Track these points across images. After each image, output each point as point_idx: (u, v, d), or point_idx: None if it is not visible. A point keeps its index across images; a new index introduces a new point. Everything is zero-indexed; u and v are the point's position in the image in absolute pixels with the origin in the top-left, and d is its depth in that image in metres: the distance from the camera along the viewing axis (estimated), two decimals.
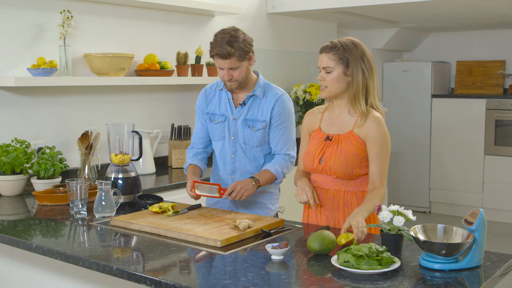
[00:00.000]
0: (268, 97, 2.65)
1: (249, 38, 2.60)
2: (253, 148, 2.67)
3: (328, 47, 2.32)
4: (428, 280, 1.69)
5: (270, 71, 5.01)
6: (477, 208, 1.83)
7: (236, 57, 2.52)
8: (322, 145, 2.38)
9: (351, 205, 2.36)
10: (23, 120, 3.22)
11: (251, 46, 2.59)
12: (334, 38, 2.37)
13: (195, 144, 2.83)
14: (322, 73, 2.33)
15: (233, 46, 2.50)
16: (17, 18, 3.16)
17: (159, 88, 3.99)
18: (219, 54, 2.51)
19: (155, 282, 1.72)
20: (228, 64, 2.53)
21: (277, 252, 1.88)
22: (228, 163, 2.72)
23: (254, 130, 2.64)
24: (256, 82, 2.68)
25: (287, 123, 2.67)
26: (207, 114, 2.75)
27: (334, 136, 2.37)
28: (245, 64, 2.58)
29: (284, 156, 2.67)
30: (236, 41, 2.51)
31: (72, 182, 2.48)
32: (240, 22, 4.64)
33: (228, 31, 2.55)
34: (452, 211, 6.60)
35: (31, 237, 2.23)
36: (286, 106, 2.67)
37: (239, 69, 2.56)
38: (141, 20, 3.84)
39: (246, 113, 2.66)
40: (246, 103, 2.66)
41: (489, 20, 5.83)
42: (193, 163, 2.75)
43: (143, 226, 2.26)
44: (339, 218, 2.38)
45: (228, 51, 2.49)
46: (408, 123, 6.74)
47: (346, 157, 2.31)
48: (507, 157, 6.21)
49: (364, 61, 2.31)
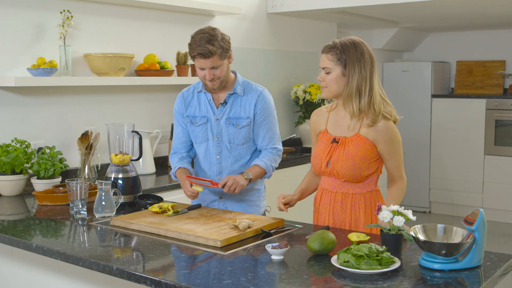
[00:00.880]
0: (249, 94, 2.67)
1: (227, 36, 2.61)
2: (238, 147, 2.68)
3: (327, 47, 2.31)
4: (428, 280, 1.69)
5: (270, 71, 5.01)
6: (477, 208, 1.83)
7: (218, 55, 2.52)
8: (329, 147, 2.37)
9: (358, 207, 2.36)
10: (23, 120, 3.22)
11: (229, 44, 2.60)
12: (335, 38, 2.37)
13: (177, 149, 2.80)
14: (322, 73, 2.33)
15: (214, 45, 2.50)
16: (17, 18, 3.16)
17: (159, 88, 3.99)
18: (201, 54, 2.51)
19: (155, 282, 1.72)
20: (210, 63, 2.53)
21: (277, 252, 1.88)
22: (214, 164, 2.71)
23: (239, 128, 2.65)
24: (235, 81, 2.69)
25: (271, 118, 2.70)
26: (187, 117, 2.74)
27: (340, 139, 2.35)
28: (226, 63, 2.59)
29: (271, 150, 2.69)
30: (215, 40, 2.52)
31: (72, 182, 2.48)
32: (240, 22, 4.64)
33: (206, 30, 2.55)
34: (452, 211, 6.60)
35: (31, 237, 2.23)
36: (268, 102, 2.69)
37: (220, 68, 2.57)
38: (141, 20, 3.84)
39: (229, 112, 2.66)
40: (228, 102, 2.66)
41: (489, 20, 5.83)
42: (182, 166, 2.72)
43: (143, 226, 2.26)
44: (346, 220, 2.37)
45: (209, 49, 2.49)
46: (408, 123, 6.73)
47: (353, 160, 2.30)
48: (507, 157, 6.21)
49: (361, 62, 2.28)
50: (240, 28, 4.67)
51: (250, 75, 4.77)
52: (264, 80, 4.94)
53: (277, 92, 5.03)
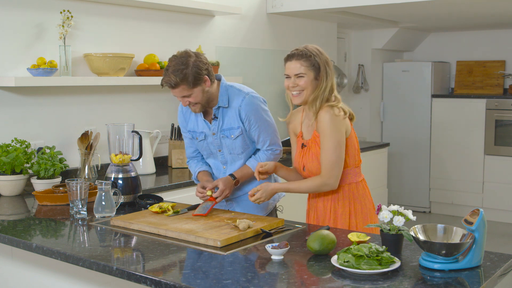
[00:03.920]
0: (232, 104, 2.60)
1: (203, 59, 2.50)
2: (238, 156, 2.67)
3: (297, 54, 2.42)
4: (428, 280, 1.69)
5: (270, 71, 5.01)
6: (477, 208, 1.83)
7: (185, 85, 2.45)
8: (301, 153, 2.50)
9: (337, 199, 2.46)
10: (23, 120, 3.22)
11: (204, 69, 2.47)
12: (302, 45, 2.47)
13: (192, 156, 2.81)
14: (293, 80, 2.42)
15: (181, 75, 2.42)
16: (17, 18, 3.16)
17: (159, 88, 3.97)
18: (168, 83, 2.46)
19: (155, 282, 1.72)
20: (178, 92, 2.48)
21: (277, 252, 1.88)
22: (222, 173, 2.73)
23: (233, 139, 2.63)
24: (219, 92, 2.61)
25: (260, 122, 2.62)
26: (189, 132, 2.74)
27: (307, 142, 2.47)
28: (199, 89, 2.49)
29: (266, 152, 2.68)
30: (186, 68, 2.42)
31: (72, 182, 2.48)
32: (240, 22, 4.64)
33: (179, 57, 2.46)
34: (452, 211, 6.60)
35: (31, 237, 2.23)
36: (252, 106, 2.60)
37: (193, 95, 2.49)
38: (141, 20, 3.84)
39: (222, 125, 2.63)
40: (217, 116, 2.63)
41: (489, 20, 5.83)
42: (201, 170, 2.75)
43: (143, 226, 2.26)
44: (326, 215, 2.49)
45: (175, 81, 2.43)
46: (408, 123, 6.73)
47: (318, 160, 2.41)
48: (507, 157, 6.20)
49: (328, 66, 2.42)
50: (240, 28, 4.67)
51: (250, 75, 4.77)
52: (263, 80, 4.94)
53: (276, 93, 5.03)
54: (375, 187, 5.33)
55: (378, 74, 6.86)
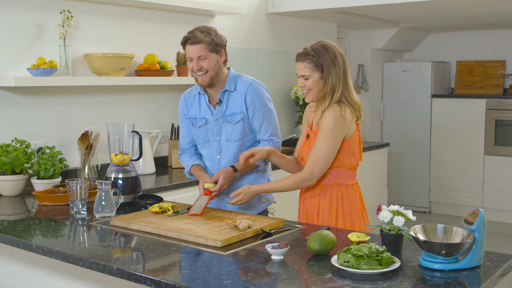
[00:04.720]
0: (239, 88, 2.66)
1: (223, 37, 2.63)
2: (234, 143, 2.67)
3: (302, 55, 2.42)
4: (428, 280, 1.69)
5: (270, 71, 5.01)
6: (477, 208, 1.83)
7: (206, 44, 2.54)
8: (304, 143, 2.54)
9: (324, 197, 2.46)
10: (23, 120, 3.22)
11: (223, 42, 2.62)
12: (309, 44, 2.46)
13: (185, 149, 2.83)
14: (301, 80, 2.45)
15: (203, 34, 2.54)
16: (17, 18, 3.16)
17: (159, 88, 3.99)
18: (188, 40, 2.55)
19: (155, 282, 1.72)
20: (197, 51, 2.54)
21: (277, 252, 1.88)
22: (215, 163, 2.73)
23: (234, 124, 2.64)
24: (227, 77, 2.68)
25: (264, 109, 2.66)
26: (189, 119, 2.76)
27: (312, 134, 2.50)
28: (215, 57, 2.58)
29: (267, 143, 2.68)
30: (208, 32, 2.56)
31: (72, 182, 2.48)
32: (240, 22, 4.64)
33: (202, 26, 2.63)
34: (452, 211, 6.60)
35: (31, 237, 2.23)
36: (258, 92, 2.66)
37: (208, 59, 2.56)
38: (141, 20, 3.84)
39: (225, 110, 2.66)
40: (222, 100, 2.66)
41: (489, 20, 5.83)
42: (195, 163, 2.76)
43: (143, 226, 2.26)
44: (314, 209, 2.49)
45: (197, 36, 2.53)
46: (408, 123, 6.73)
47: None
48: (507, 157, 6.21)
49: (335, 65, 2.40)
50: (240, 28, 4.67)
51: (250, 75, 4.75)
52: (264, 80, 4.92)
53: (277, 92, 5.03)
54: (375, 187, 5.34)
55: (378, 74, 6.87)
